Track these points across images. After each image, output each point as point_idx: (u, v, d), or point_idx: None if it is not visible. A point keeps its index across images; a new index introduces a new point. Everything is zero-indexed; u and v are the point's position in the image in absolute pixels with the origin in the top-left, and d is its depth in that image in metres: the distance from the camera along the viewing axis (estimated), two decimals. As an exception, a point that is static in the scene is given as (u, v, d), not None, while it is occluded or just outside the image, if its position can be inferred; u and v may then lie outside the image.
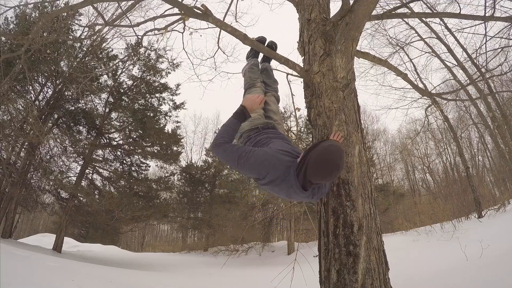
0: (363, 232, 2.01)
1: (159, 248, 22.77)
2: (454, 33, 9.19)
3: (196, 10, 2.78)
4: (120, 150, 13.48)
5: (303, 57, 2.77)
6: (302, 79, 2.66)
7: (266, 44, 2.70)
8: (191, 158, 24.47)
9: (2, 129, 8.98)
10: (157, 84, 13.35)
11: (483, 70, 6.69)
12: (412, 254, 6.64)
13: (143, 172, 14.39)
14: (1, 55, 4.51)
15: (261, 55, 2.73)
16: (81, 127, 12.68)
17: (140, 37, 4.18)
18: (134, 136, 13.57)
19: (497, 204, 9.32)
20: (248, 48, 2.76)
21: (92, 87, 10.80)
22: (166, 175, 16.05)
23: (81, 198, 12.25)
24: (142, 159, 14.19)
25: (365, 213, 2.06)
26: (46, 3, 7.11)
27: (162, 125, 13.67)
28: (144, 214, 12.74)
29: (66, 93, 11.76)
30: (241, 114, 1.74)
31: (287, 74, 3.44)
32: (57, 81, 11.50)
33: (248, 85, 2.32)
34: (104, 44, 11.81)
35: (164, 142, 13.86)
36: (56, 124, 12.14)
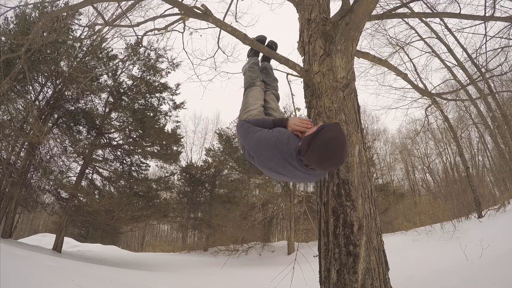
0: (363, 232, 2.01)
1: (159, 248, 22.76)
2: (454, 33, 9.21)
3: (196, 10, 2.79)
4: (120, 150, 13.48)
5: (303, 57, 2.77)
6: (302, 79, 2.67)
7: (266, 44, 2.69)
8: (191, 158, 24.49)
9: (2, 129, 8.98)
10: (157, 84, 13.35)
11: (483, 70, 6.70)
12: (412, 254, 6.64)
13: (143, 172, 14.39)
14: (1, 55, 4.51)
15: (261, 54, 2.73)
16: (81, 127, 12.69)
17: (140, 37, 4.18)
18: (134, 136, 13.56)
19: (497, 204, 9.32)
20: (248, 47, 2.76)
21: (92, 87, 10.81)
22: (166, 175, 16.03)
23: (81, 198, 12.25)
24: (142, 159, 14.20)
25: (365, 213, 2.06)
26: (46, 3, 7.11)
27: (162, 125, 13.67)
28: (144, 214, 12.75)
29: (66, 93, 11.75)
30: (280, 122, 1.73)
31: (287, 74, 3.44)
32: (57, 81, 11.49)
33: (248, 84, 2.32)
34: (104, 44, 11.79)
35: (164, 142, 13.86)
36: (56, 124, 12.14)
